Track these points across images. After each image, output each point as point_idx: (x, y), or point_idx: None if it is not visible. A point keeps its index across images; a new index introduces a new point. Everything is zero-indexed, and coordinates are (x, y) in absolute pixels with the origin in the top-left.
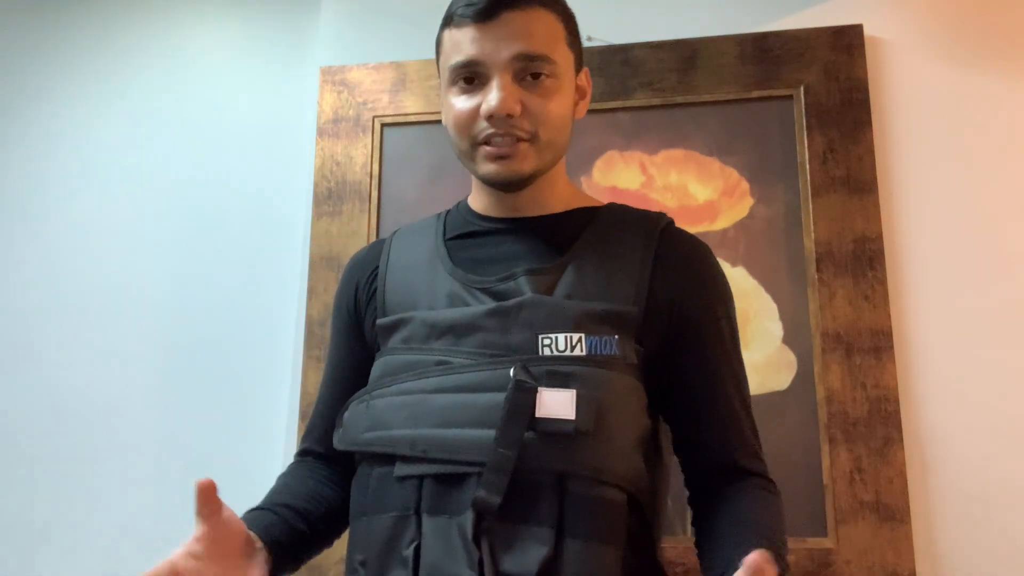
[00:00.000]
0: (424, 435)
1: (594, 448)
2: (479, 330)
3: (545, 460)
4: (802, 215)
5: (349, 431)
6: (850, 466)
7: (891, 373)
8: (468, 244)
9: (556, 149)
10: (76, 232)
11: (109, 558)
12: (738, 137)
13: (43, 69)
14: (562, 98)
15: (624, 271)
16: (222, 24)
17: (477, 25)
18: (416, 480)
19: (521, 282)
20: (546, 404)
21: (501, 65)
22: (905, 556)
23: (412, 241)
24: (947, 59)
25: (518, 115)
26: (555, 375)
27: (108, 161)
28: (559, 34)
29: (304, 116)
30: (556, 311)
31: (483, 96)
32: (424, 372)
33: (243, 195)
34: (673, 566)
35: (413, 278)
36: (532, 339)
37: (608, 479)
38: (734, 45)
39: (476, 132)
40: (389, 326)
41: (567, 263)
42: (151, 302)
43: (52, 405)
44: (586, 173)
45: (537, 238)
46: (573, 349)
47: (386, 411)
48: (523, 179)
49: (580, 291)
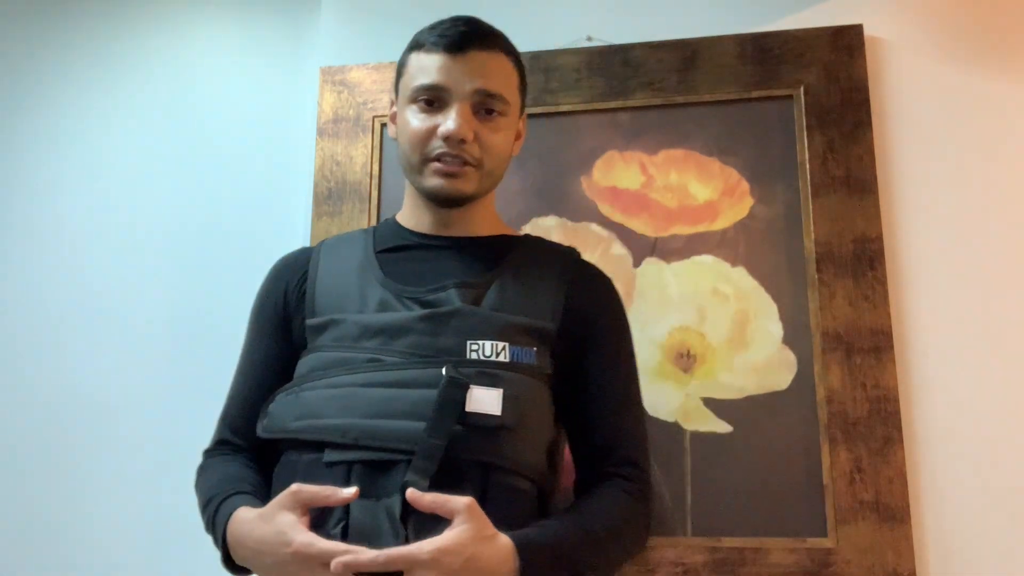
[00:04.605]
0: (356, 424)
1: (514, 443)
2: (411, 333)
3: (470, 451)
4: (802, 215)
5: (276, 420)
6: (850, 466)
7: (891, 373)
8: (398, 257)
9: (494, 179)
10: (76, 232)
11: (109, 558)
12: (738, 137)
13: (43, 70)
14: (507, 135)
15: (543, 292)
16: (222, 24)
17: (447, 55)
18: (345, 466)
19: (451, 293)
20: (476, 399)
21: (463, 95)
22: (905, 556)
23: (342, 250)
24: (947, 59)
25: (470, 141)
26: (484, 375)
27: (108, 161)
28: (514, 79)
29: (304, 116)
30: (485, 321)
31: (442, 118)
32: (355, 368)
33: (243, 195)
34: (673, 566)
35: (343, 284)
36: (461, 344)
37: (524, 471)
38: (734, 45)
39: (429, 149)
40: (319, 326)
41: (493, 280)
42: (152, 302)
43: (52, 405)
44: (586, 173)
45: (465, 256)
46: (498, 356)
47: (317, 401)
48: (463, 198)
49: (505, 306)
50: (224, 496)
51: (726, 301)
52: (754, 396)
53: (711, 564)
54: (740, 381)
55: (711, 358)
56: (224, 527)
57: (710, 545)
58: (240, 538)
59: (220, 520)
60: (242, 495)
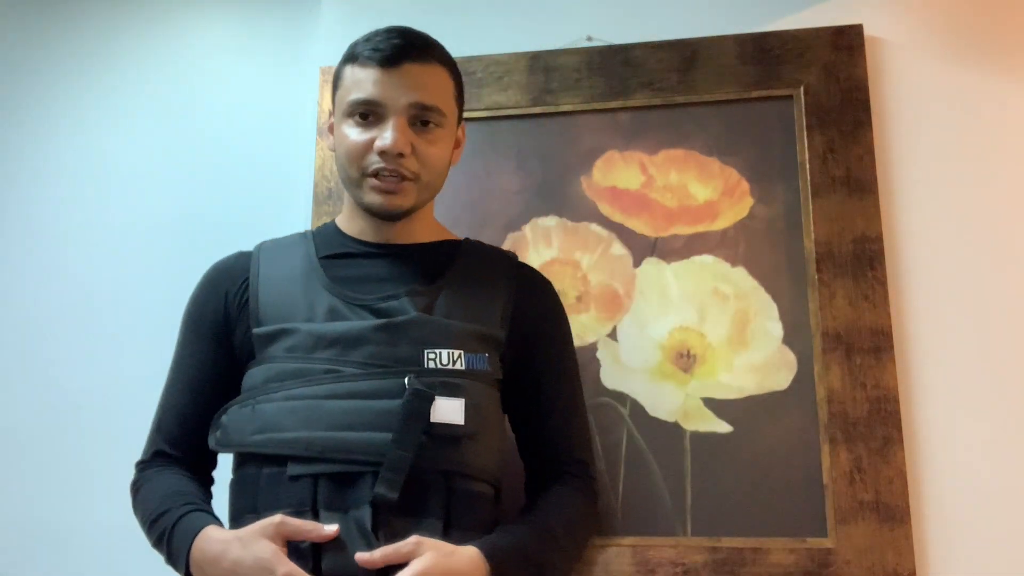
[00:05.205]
0: (320, 437)
1: (475, 450)
2: (368, 343)
3: (435, 460)
4: (802, 215)
5: (233, 433)
6: (850, 466)
7: (891, 373)
8: (342, 264)
9: (433, 190)
10: (76, 231)
11: (109, 558)
12: (738, 137)
13: (42, 70)
14: (445, 145)
15: (491, 298)
16: (222, 24)
17: (381, 69)
18: (310, 479)
19: (404, 302)
20: (440, 410)
21: (398, 109)
22: (905, 556)
23: (281, 256)
24: (947, 59)
25: (408, 155)
26: (447, 385)
27: (107, 161)
28: (450, 89)
29: (304, 116)
30: (441, 329)
31: (378, 132)
32: (313, 380)
33: (243, 195)
34: (673, 566)
35: (288, 290)
36: (418, 353)
37: (485, 477)
38: (734, 45)
39: (366, 164)
40: (268, 335)
41: (442, 288)
42: (152, 301)
43: (52, 404)
44: (586, 173)
45: (410, 263)
46: (454, 364)
47: (276, 415)
48: (402, 213)
49: (455, 313)
50: (180, 512)
51: (726, 301)
52: (754, 396)
53: (711, 564)
54: (740, 381)
55: (711, 358)
56: (189, 544)
57: (710, 545)
58: (210, 557)
59: (180, 536)
60: (199, 512)
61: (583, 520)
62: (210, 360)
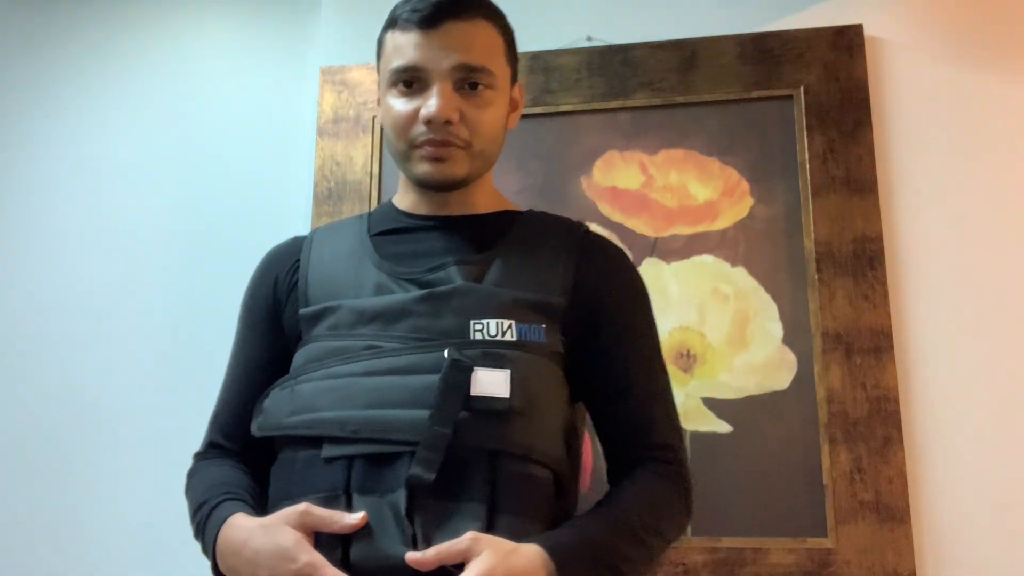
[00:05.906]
0: (355, 416)
1: (524, 427)
2: (410, 315)
3: (478, 438)
4: (802, 215)
5: (271, 416)
6: (850, 466)
7: (891, 373)
8: (394, 240)
9: (487, 157)
10: (77, 232)
11: (109, 558)
12: (738, 137)
13: (43, 70)
14: (497, 109)
15: (550, 266)
16: (222, 24)
17: (421, 31)
18: (345, 461)
19: (452, 271)
20: (481, 382)
21: (442, 73)
22: (905, 556)
23: (335, 237)
24: (947, 59)
25: (456, 122)
26: (489, 356)
27: (109, 161)
28: (499, 47)
29: (304, 116)
30: (488, 297)
31: (423, 100)
32: (352, 357)
33: (243, 195)
34: (673, 566)
35: (337, 270)
36: (464, 324)
37: (537, 458)
38: (734, 45)
39: (414, 135)
40: (313, 315)
41: (495, 256)
42: (152, 301)
43: (53, 404)
44: (586, 173)
45: (463, 234)
46: (504, 335)
47: (313, 395)
48: (455, 182)
49: (508, 281)
50: (216, 502)
51: (726, 301)
52: (754, 396)
53: (711, 564)
54: (740, 381)
55: (711, 358)
56: (216, 533)
57: (710, 545)
58: (234, 545)
59: (211, 526)
60: (234, 500)
61: (667, 509)
62: (262, 347)
